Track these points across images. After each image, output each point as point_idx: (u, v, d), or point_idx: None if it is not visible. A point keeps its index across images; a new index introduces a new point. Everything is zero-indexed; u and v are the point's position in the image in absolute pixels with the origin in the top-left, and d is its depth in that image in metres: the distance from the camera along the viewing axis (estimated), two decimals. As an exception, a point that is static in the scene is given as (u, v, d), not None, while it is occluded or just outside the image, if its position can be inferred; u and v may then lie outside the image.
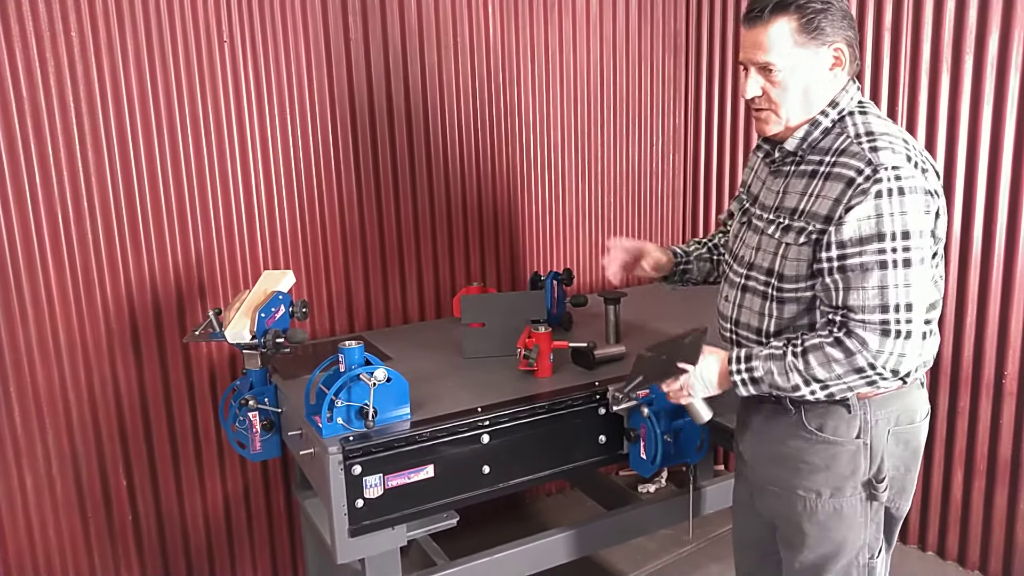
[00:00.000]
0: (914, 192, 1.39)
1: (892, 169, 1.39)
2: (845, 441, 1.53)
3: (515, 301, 2.30)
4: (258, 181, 2.48)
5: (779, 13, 1.47)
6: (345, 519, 1.75)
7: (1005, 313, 2.48)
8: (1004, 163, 2.40)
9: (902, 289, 1.39)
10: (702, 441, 1.92)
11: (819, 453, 1.55)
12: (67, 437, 2.30)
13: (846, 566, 1.60)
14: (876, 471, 1.55)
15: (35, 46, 2.09)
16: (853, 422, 1.53)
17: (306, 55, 2.48)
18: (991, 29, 2.35)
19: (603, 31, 3.09)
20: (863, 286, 1.40)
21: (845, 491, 1.55)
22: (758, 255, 1.60)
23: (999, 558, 2.61)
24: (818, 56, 1.48)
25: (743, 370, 1.52)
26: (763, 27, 1.48)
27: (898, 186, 1.38)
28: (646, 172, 3.34)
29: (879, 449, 1.54)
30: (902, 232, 1.38)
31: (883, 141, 1.43)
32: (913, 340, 1.40)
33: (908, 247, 1.39)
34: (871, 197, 1.39)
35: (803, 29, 1.46)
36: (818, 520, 1.58)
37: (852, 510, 1.56)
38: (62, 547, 2.34)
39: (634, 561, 2.84)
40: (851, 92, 1.53)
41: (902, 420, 1.55)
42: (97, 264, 2.26)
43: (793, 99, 1.51)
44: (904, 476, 1.60)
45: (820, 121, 1.52)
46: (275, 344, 1.99)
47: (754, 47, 1.50)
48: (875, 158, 1.40)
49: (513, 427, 1.92)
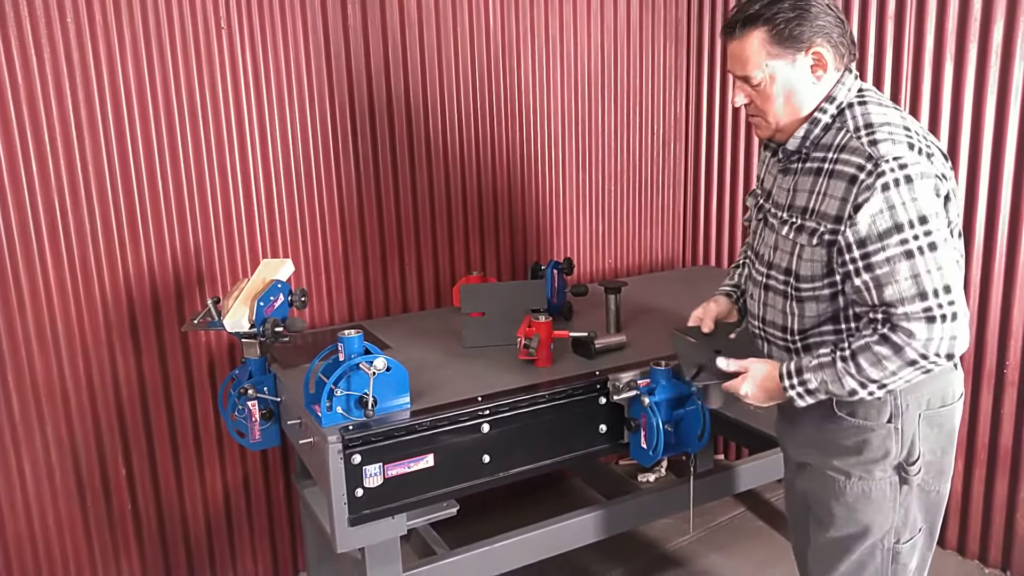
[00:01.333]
0: (921, 178, 1.39)
1: (894, 160, 1.39)
2: (876, 425, 1.55)
3: (515, 290, 2.29)
4: (256, 169, 2.46)
5: (750, 27, 1.51)
6: (345, 508, 1.75)
7: (1007, 303, 2.47)
8: (1008, 153, 2.39)
9: (935, 274, 1.38)
10: (703, 431, 1.91)
11: (851, 437, 1.58)
12: (66, 427, 2.29)
13: (871, 548, 1.61)
14: (907, 455, 1.56)
15: (30, 33, 2.07)
16: (884, 407, 1.54)
17: (304, 43, 2.46)
18: (996, 17, 2.33)
19: (604, 19, 3.07)
20: (895, 280, 1.39)
21: (875, 474, 1.57)
22: (776, 254, 1.61)
23: (999, 547, 2.61)
24: (796, 62, 1.50)
25: (796, 384, 1.52)
26: (737, 42, 1.53)
27: (903, 175, 1.38)
28: (647, 161, 3.32)
29: (910, 433, 1.55)
30: (919, 218, 1.38)
31: (882, 133, 1.43)
32: (960, 321, 1.39)
33: (929, 231, 1.38)
34: (879, 191, 1.39)
35: (774, 40, 1.49)
36: (846, 501, 1.60)
37: (881, 493, 1.58)
38: (61, 536, 2.34)
39: (634, 550, 2.84)
40: (848, 84, 1.54)
41: (933, 403, 1.56)
42: (95, 253, 2.25)
43: (777, 106, 1.54)
44: (941, 459, 1.60)
45: (819, 118, 1.53)
46: (274, 333, 1.98)
47: (733, 61, 1.56)
48: (875, 151, 1.41)
49: (513, 416, 1.91)
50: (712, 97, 3.26)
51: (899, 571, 1.64)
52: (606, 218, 3.25)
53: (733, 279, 1.95)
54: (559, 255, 3.14)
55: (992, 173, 2.43)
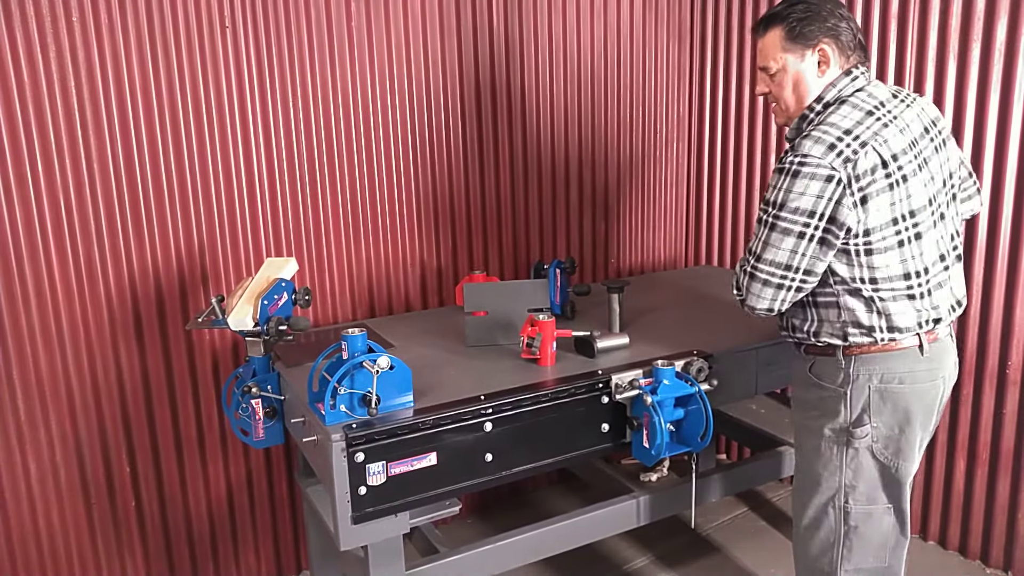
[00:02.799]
0: (811, 177, 1.65)
1: (801, 156, 1.66)
2: (831, 387, 1.80)
3: (518, 289, 2.30)
4: (260, 168, 2.47)
5: (771, 25, 1.80)
6: (348, 506, 1.76)
7: (1009, 302, 2.47)
8: (1011, 152, 2.39)
9: (760, 243, 1.73)
10: (705, 430, 1.91)
11: (814, 395, 1.84)
12: (70, 424, 2.30)
13: (824, 504, 1.84)
14: (855, 420, 1.78)
15: (36, 30, 2.07)
16: (838, 372, 1.79)
17: (308, 40, 2.47)
18: (999, 16, 2.33)
19: (607, 19, 3.07)
20: (754, 233, 1.77)
21: (824, 432, 1.82)
22: None
23: (1000, 548, 2.61)
24: (805, 58, 1.77)
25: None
26: (761, 38, 1.83)
27: (794, 169, 1.67)
28: (650, 160, 3.32)
29: (859, 400, 1.77)
30: (779, 203, 1.69)
31: (818, 132, 1.68)
32: (755, 281, 1.74)
33: (778, 215, 1.69)
34: (775, 172, 1.72)
35: (788, 36, 1.77)
36: (804, 453, 1.89)
37: (828, 451, 1.82)
38: (66, 532, 2.35)
39: (636, 549, 2.85)
40: (840, 85, 1.77)
41: (886, 379, 1.76)
42: (99, 251, 2.26)
43: (788, 94, 1.81)
44: (899, 437, 1.78)
45: (807, 115, 1.79)
46: (278, 331, 1.99)
47: (758, 54, 1.85)
48: (798, 145, 1.68)
49: (516, 415, 1.92)
50: (715, 96, 3.26)
51: (851, 533, 1.83)
52: (609, 217, 3.25)
53: None
54: (562, 254, 3.14)
55: (995, 173, 2.43)
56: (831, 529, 1.85)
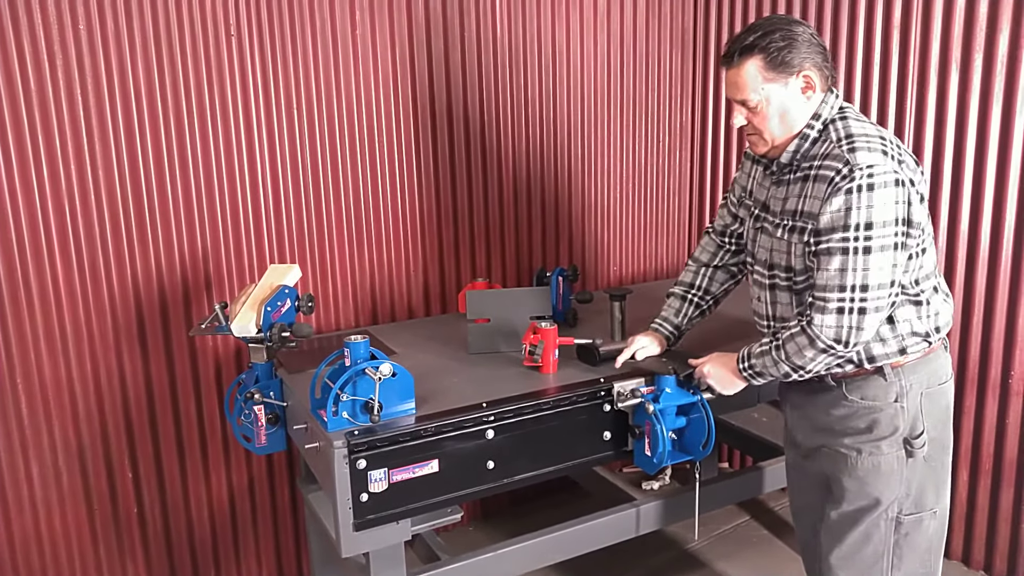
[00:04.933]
0: (884, 186, 1.57)
1: (867, 167, 1.57)
2: (884, 405, 1.73)
3: (520, 297, 2.30)
4: (264, 175, 2.48)
5: (747, 56, 1.68)
6: (350, 513, 1.76)
7: (1012, 313, 2.47)
8: (1013, 162, 2.39)
9: (859, 272, 1.59)
10: (707, 438, 1.91)
11: (862, 418, 1.75)
12: (73, 429, 2.31)
13: (876, 519, 1.77)
14: (911, 430, 1.73)
15: (43, 39, 2.09)
16: (891, 388, 1.72)
17: (312, 48, 2.48)
18: (1001, 27, 2.34)
19: (610, 27, 3.08)
20: (827, 268, 1.62)
21: (883, 449, 1.73)
22: (774, 256, 1.80)
23: (1004, 558, 2.60)
24: (788, 85, 1.68)
25: (747, 367, 1.81)
26: (735, 69, 1.70)
27: (868, 183, 1.57)
28: (653, 168, 3.33)
29: (913, 410, 1.73)
30: (865, 224, 1.58)
31: (860, 142, 1.62)
32: (867, 316, 1.60)
33: (869, 236, 1.58)
34: (843, 193, 1.59)
35: (769, 66, 1.67)
36: (858, 476, 1.76)
37: (889, 467, 1.74)
38: (68, 538, 2.35)
39: (638, 558, 2.84)
40: (830, 103, 1.72)
41: (932, 382, 1.75)
42: (104, 257, 2.27)
43: (773, 125, 1.72)
44: (942, 433, 1.79)
45: (808, 134, 1.71)
46: (281, 338, 1.99)
47: (731, 87, 1.73)
48: (852, 158, 1.59)
49: (518, 423, 1.92)
50: (718, 106, 3.27)
51: (901, 541, 1.78)
52: (611, 225, 3.26)
53: (678, 318, 2.14)
54: (564, 262, 3.14)
55: (997, 183, 2.43)
56: (881, 540, 1.78)
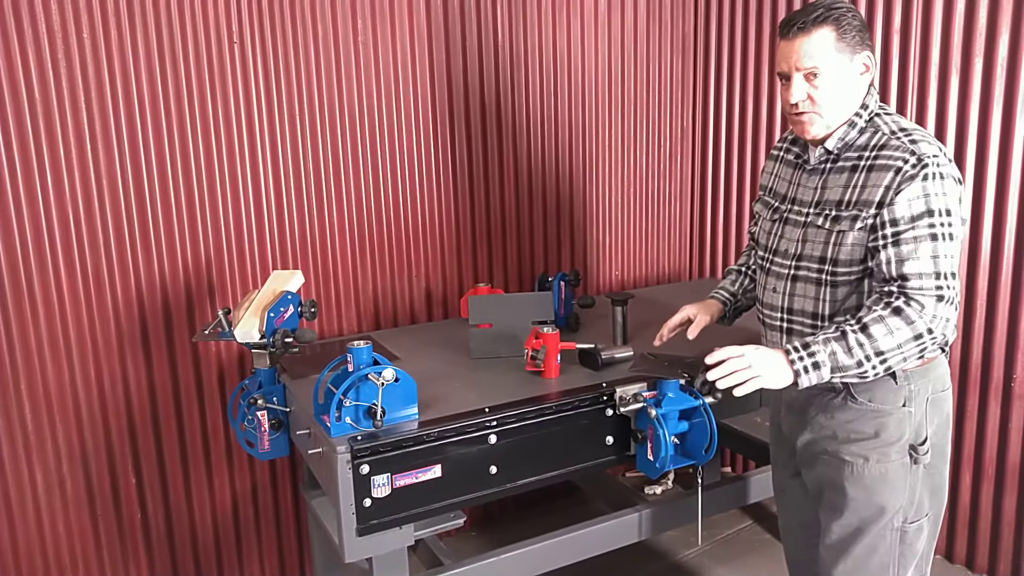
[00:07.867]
0: (950, 178, 1.58)
1: (934, 157, 1.57)
2: (892, 409, 1.67)
3: (522, 302, 2.30)
4: (267, 181, 2.49)
5: (822, 24, 1.62)
6: (353, 518, 1.76)
7: (1015, 315, 2.47)
8: (1014, 165, 2.39)
9: (949, 259, 1.57)
10: (710, 443, 1.91)
11: (869, 422, 1.69)
12: (77, 435, 2.31)
13: (882, 530, 1.71)
14: (916, 436, 1.69)
15: (47, 47, 2.10)
16: (900, 392, 1.67)
17: (315, 55, 2.49)
18: (1000, 31, 2.34)
19: (611, 32, 3.09)
20: (917, 256, 1.56)
21: (891, 455, 1.68)
22: (805, 246, 1.74)
23: (1008, 562, 2.60)
24: (852, 63, 1.65)
25: (804, 357, 1.61)
26: (805, 37, 1.63)
27: (940, 171, 1.57)
28: (654, 173, 3.33)
29: (919, 416, 1.69)
30: (946, 210, 1.56)
31: (918, 135, 1.62)
32: (955, 306, 1.58)
33: (951, 223, 1.57)
34: (919, 180, 1.56)
35: (841, 39, 1.63)
36: (864, 484, 1.70)
37: (895, 474, 1.69)
38: (71, 544, 2.35)
39: (640, 562, 2.84)
40: (874, 96, 1.71)
41: (936, 388, 1.71)
42: (107, 264, 2.28)
43: (835, 102, 1.66)
44: (943, 441, 1.75)
45: (856, 122, 1.68)
46: (284, 344, 2.00)
47: (799, 55, 1.64)
48: (917, 149, 1.58)
49: (520, 428, 1.92)
50: (719, 110, 3.28)
51: (905, 552, 1.73)
52: (613, 230, 3.26)
53: (733, 287, 2.11)
54: (566, 267, 3.15)
55: (998, 186, 2.44)
56: (887, 551, 1.73)
